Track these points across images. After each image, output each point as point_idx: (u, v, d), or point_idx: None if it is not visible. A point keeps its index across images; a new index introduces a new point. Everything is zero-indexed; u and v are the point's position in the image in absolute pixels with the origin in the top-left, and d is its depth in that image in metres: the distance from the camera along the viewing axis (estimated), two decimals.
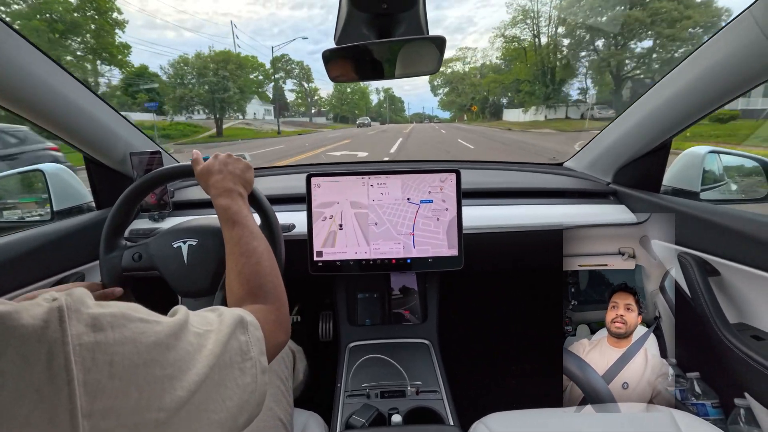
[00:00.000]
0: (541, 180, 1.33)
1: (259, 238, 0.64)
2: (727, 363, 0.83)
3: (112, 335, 0.29)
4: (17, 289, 0.83)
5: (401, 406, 0.88)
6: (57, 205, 1.07)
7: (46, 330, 0.26)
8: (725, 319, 0.84)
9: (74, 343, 0.26)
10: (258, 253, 0.61)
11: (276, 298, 0.56)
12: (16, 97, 0.80)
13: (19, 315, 0.26)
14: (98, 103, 1.00)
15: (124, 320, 0.30)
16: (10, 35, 0.73)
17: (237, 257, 0.60)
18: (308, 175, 0.99)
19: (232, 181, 0.72)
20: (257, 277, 0.58)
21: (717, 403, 0.90)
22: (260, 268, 0.59)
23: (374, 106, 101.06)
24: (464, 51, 69.58)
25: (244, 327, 0.43)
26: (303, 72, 62.02)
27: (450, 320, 1.45)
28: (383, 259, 1.00)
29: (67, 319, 0.27)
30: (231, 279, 0.59)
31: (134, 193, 0.81)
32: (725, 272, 0.88)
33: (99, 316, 0.29)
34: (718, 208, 0.91)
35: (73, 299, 0.29)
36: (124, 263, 0.81)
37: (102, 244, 0.82)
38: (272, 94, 51.35)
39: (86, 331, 0.27)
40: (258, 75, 49.88)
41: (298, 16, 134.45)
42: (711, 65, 0.81)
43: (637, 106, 1.05)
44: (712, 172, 1.14)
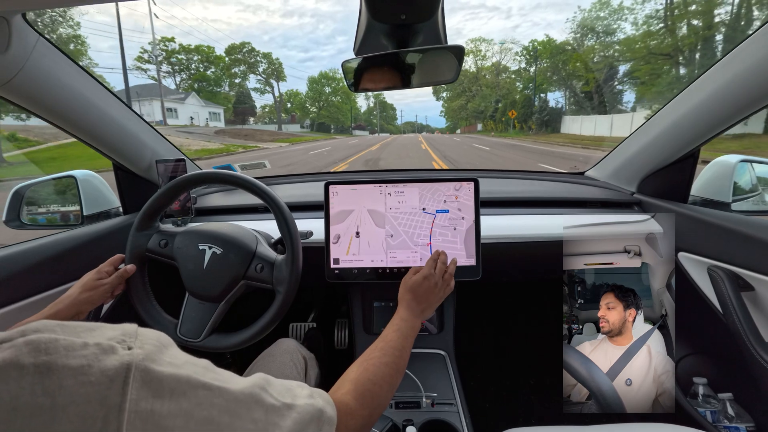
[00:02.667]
0: (562, 189, 1.30)
1: (403, 356, 0.64)
2: (762, 383, 0.78)
3: (168, 406, 0.29)
4: (49, 289, 0.87)
5: (416, 417, 0.86)
6: (87, 210, 1.11)
7: (109, 392, 0.26)
8: (760, 336, 0.80)
9: (130, 410, 0.27)
10: (393, 361, 0.60)
11: (372, 409, 0.52)
12: (53, 107, 0.85)
13: (91, 370, 0.26)
14: (127, 113, 1.04)
15: (188, 386, 0.30)
16: (48, 48, 0.78)
17: (375, 349, 0.61)
18: (326, 182, 1.00)
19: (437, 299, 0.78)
20: (375, 376, 0.56)
21: (752, 427, 0.85)
22: (385, 371, 0.57)
23: (363, 113, 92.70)
24: (477, 43, 53.53)
25: (320, 424, 0.40)
26: (272, 68, 50.26)
27: (467, 331, 1.42)
28: (400, 268, 0.99)
29: (131, 381, 0.27)
30: (357, 363, 0.59)
31: (177, 186, 0.85)
32: (759, 287, 0.83)
33: (165, 379, 0.29)
34: (752, 220, 0.87)
35: (146, 352, 0.30)
36: (150, 244, 0.86)
37: (137, 221, 0.86)
38: (234, 92, 42.55)
39: (146, 396, 0.28)
40: (202, 64, 43.13)
41: (289, 24, 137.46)
42: (741, 71, 0.78)
43: (663, 113, 1.02)
44: (743, 182, 1.09)
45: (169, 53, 42.79)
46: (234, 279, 0.83)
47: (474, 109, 50.57)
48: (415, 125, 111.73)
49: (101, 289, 0.78)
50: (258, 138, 27.01)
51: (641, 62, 22.90)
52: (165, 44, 42.31)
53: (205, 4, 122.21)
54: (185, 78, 44.37)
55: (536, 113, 32.14)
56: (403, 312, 0.72)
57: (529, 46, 37.69)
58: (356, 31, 0.76)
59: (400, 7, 0.64)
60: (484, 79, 50.54)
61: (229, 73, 46.27)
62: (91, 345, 0.28)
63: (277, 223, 0.82)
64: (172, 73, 43.70)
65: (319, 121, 59.72)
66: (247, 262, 0.83)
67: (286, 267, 0.81)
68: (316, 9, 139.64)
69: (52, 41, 0.78)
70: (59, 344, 0.27)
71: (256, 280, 0.83)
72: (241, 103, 46.53)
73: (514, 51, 47.33)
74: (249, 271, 0.83)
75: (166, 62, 42.69)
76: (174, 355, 0.32)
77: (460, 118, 60.72)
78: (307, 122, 59.95)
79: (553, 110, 31.66)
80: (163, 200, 0.87)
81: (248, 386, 0.35)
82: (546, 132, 29.96)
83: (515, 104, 35.51)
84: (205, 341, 0.82)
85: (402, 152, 16.86)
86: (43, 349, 0.26)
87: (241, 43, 48.43)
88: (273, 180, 1.56)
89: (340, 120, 62.79)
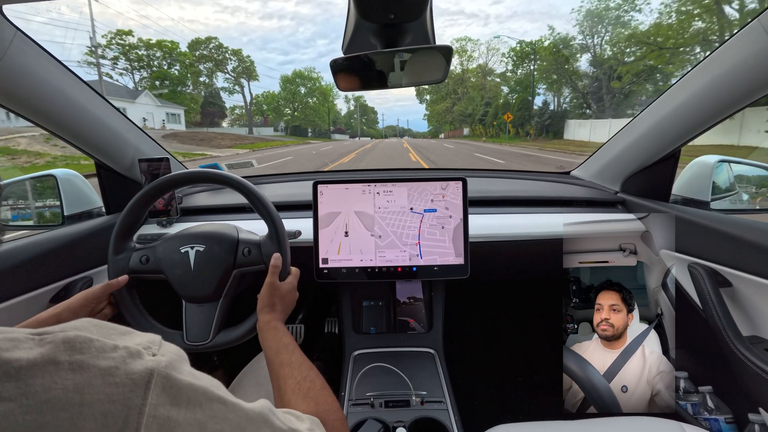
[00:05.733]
0: (548, 189, 1.32)
1: (305, 361, 0.63)
2: (740, 377, 0.81)
3: (183, 415, 0.30)
4: (28, 291, 0.84)
5: (406, 416, 0.87)
6: (68, 209, 1.08)
7: (132, 395, 0.28)
8: (738, 331, 0.82)
9: (149, 414, 0.28)
10: (308, 372, 0.60)
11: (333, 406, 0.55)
12: (32, 104, 0.82)
13: (118, 372, 0.28)
14: (109, 110, 1.02)
15: (204, 398, 0.32)
16: (26, 43, 0.75)
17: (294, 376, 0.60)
18: (315, 182, 1.00)
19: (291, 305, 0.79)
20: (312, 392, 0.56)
21: (731, 418, 0.88)
22: (315, 382, 0.58)
23: (343, 117, 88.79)
24: (463, 42, 49.79)
25: None
26: (243, 66, 45.28)
27: (455, 330, 1.43)
28: (389, 267, 0.99)
29: (153, 387, 0.29)
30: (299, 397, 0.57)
31: (146, 196, 0.82)
32: (737, 283, 0.86)
33: (183, 388, 0.31)
34: (730, 218, 0.89)
35: (169, 360, 0.31)
36: (131, 265, 0.82)
37: (111, 246, 0.83)
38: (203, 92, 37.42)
39: (164, 402, 0.29)
40: (165, 61, 37.00)
41: (268, 27, 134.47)
42: (720, 74, 0.80)
43: (645, 114, 1.05)
44: (722, 181, 1.12)
45: (125, 48, 37.15)
46: (225, 271, 0.81)
47: (460, 113, 46.56)
48: (396, 129, 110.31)
49: (82, 295, 0.72)
50: (215, 143, 23.15)
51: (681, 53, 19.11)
52: (121, 38, 36.64)
53: (182, 4, 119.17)
54: (146, 77, 39.17)
55: (535, 117, 28.42)
56: (279, 322, 0.72)
57: (517, 47, 35.55)
58: (344, 30, 0.75)
59: (388, 6, 0.64)
60: (470, 82, 48.11)
61: (193, 70, 41.46)
62: (120, 348, 0.29)
63: (260, 215, 0.81)
64: (131, 71, 38.22)
65: (293, 123, 55.36)
66: (234, 251, 0.82)
67: (273, 242, 0.80)
68: (295, 12, 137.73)
69: (30, 37, 0.75)
70: (93, 345, 0.28)
71: (246, 264, 0.82)
72: (209, 104, 42.47)
73: (501, 52, 45.40)
74: (237, 258, 0.82)
75: (124, 58, 37.35)
76: (192, 369, 0.34)
77: (444, 122, 56.89)
78: (282, 125, 55.75)
79: (555, 113, 27.80)
80: (135, 213, 0.83)
81: (258, 407, 0.37)
82: (546, 138, 26.30)
83: (509, 106, 31.41)
84: (215, 340, 0.81)
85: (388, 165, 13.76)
86: (78, 348, 0.28)
87: (206, 38, 43.38)
88: (261, 179, 1.54)
89: (317, 123, 58.75)
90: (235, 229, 0.87)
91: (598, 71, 26.22)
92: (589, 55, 27.86)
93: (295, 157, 16.20)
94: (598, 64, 26.45)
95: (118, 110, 1.05)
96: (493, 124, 33.80)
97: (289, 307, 0.78)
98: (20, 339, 0.27)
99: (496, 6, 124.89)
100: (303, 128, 55.69)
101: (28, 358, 0.26)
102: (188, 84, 40.57)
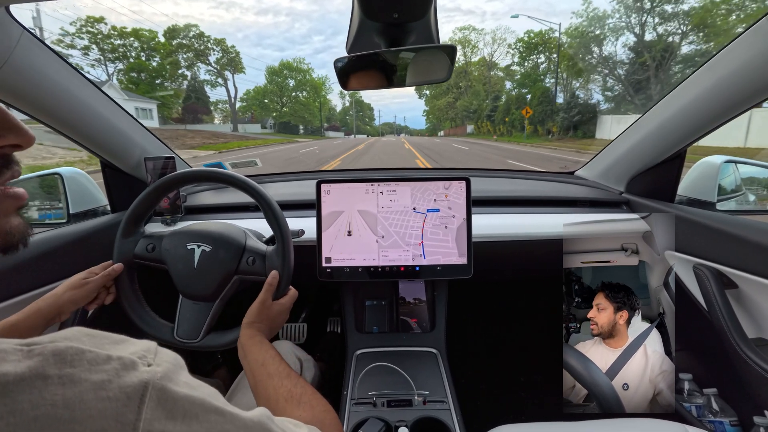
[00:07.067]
0: (552, 189, 1.31)
1: (290, 370, 0.63)
2: (745, 379, 0.80)
3: (180, 428, 0.29)
4: (34, 288, 0.85)
5: (408, 415, 0.87)
6: (73, 208, 1.09)
7: (125, 410, 0.27)
8: (743, 333, 0.82)
9: (144, 429, 0.27)
10: (291, 381, 0.60)
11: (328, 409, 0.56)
12: (39, 103, 0.83)
13: (111, 386, 0.27)
14: (115, 110, 1.02)
15: (200, 409, 0.31)
16: (33, 43, 0.76)
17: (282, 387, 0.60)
18: (318, 181, 1.00)
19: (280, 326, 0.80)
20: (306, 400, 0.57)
21: (735, 421, 0.87)
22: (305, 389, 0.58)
23: (339, 113, 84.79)
24: (467, 32, 44.91)
25: None
26: (227, 57, 40.74)
27: (458, 329, 1.43)
28: (392, 266, 0.99)
29: (147, 401, 0.28)
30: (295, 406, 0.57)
31: (162, 187, 0.83)
32: (743, 285, 0.85)
33: (179, 400, 0.29)
34: (736, 219, 0.89)
35: (164, 370, 0.30)
36: (137, 250, 0.84)
37: (121, 228, 0.84)
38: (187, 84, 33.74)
39: (159, 417, 0.28)
40: (143, 52, 33.06)
41: (263, 23, 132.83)
42: (727, 73, 0.79)
43: (651, 114, 1.04)
44: (728, 182, 1.12)
45: (96, 36, 32.77)
46: (226, 275, 0.82)
47: (464, 108, 42.29)
48: (394, 126, 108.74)
49: (86, 288, 0.76)
50: (179, 143, 20.17)
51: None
52: (92, 25, 32.25)
53: (176, 0, 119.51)
54: (122, 69, 35.00)
55: (561, 111, 23.22)
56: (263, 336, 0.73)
57: (524, 37, 32.08)
58: (348, 29, 0.75)
59: (392, 6, 0.64)
60: (473, 75, 44.30)
61: (170, 61, 36.92)
62: (114, 359, 0.28)
63: (266, 219, 0.81)
64: (104, 62, 33.87)
65: (282, 120, 49.77)
66: (238, 257, 0.82)
67: (278, 257, 0.80)
68: (291, 8, 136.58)
69: (36, 36, 0.76)
70: (84, 357, 0.27)
71: (248, 273, 0.82)
72: (190, 99, 38.45)
73: (508, 42, 41.76)
74: (240, 265, 0.82)
75: (96, 48, 33.10)
76: (189, 378, 0.33)
77: (446, 118, 52.72)
78: (270, 121, 50.23)
79: (585, 107, 22.01)
80: (148, 202, 0.84)
81: (257, 415, 0.36)
82: (573, 137, 21.58)
83: (524, 101, 26.39)
84: (204, 341, 0.81)
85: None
86: (69, 361, 0.26)
87: (185, 25, 38.82)
88: (265, 178, 1.55)
89: (308, 119, 53.60)
90: (244, 234, 0.87)
91: (647, 55, 20.68)
92: (633, 35, 21.91)
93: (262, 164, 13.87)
94: (647, 47, 20.92)
95: (124, 110, 1.06)
96: (504, 120, 29.21)
97: (276, 327, 0.78)
98: (7, 351, 0.25)
99: (492, 3, 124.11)
100: (293, 125, 50.86)
101: (15, 372, 0.24)
102: (166, 76, 36.87)
